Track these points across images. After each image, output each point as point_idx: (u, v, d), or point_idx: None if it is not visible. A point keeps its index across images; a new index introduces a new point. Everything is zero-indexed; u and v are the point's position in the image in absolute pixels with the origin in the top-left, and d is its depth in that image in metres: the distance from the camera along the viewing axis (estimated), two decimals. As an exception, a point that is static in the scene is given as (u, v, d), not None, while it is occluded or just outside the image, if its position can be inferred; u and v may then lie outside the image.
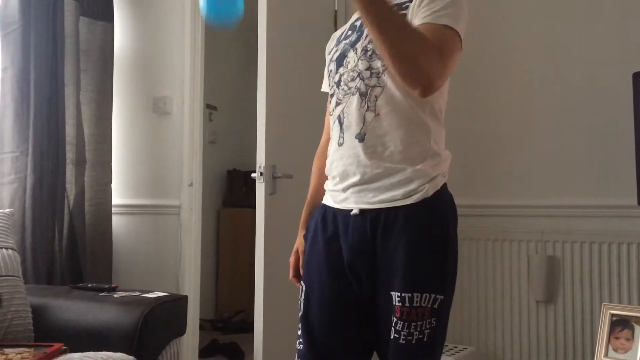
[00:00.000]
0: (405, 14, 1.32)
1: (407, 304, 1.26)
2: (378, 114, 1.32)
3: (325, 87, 1.60)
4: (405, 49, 1.19)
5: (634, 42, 2.44)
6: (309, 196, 1.58)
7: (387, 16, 1.19)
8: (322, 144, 1.61)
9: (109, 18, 3.04)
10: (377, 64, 1.33)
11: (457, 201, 1.39)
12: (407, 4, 1.34)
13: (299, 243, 1.54)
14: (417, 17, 1.29)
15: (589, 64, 2.51)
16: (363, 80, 1.34)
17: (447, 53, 1.24)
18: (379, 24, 1.17)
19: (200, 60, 3.14)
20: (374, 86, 1.32)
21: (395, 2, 1.37)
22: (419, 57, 1.19)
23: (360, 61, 1.35)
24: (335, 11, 2.80)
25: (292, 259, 1.56)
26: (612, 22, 2.48)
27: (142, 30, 3.19)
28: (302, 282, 1.45)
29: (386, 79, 1.31)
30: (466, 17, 1.32)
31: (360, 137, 1.34)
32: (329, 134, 1.57)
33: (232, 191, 4.50)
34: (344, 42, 1.44)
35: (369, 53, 1.34)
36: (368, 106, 1.33)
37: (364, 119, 1.33)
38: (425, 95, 1.26)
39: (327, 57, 1.53)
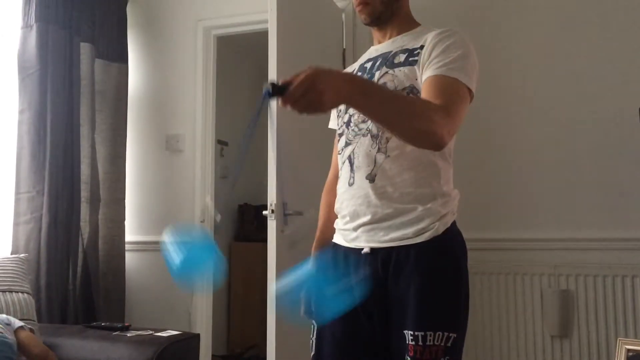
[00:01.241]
0: (416, 60, 1.35)
1: (420, 343, 1.26)
2: (389, 156, 1.34)
3: (332, 124, 1.62)
4: (410, 127, 1.20)
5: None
6: (318, 232, 1.59)
7: (384, 105, 1.17)
8: (330, 180, 1.63)
9: (124, 59, 3.12)
10: None
11: (468, 235, 1.40)
12: (419, 50, 1.36)
13: None
14: (429, 67, 1.31)
15: (597, 99, 2.52)
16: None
17: (454, 110, 1.26)
18: (377, 115, 1.19)
19: (212, 98, 3.21)
20: None
21: (405, 48, 1.40)
22: (424, 128, 1.20)
23: None
24: (344, 50, 2.86)
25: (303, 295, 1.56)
26: (620, 57, 2.50)
27: (156, 71, 3.27)
28: (313, 321, 1.45)
29: None
30: (477, 69, 1.34)
31: (371, 178, 1.35)
32: (336, 170, 1.59)
33: (243, 225, 4.52)
34: (352, 81, 1.47)
35: None
36: (379, 148, 1.35)
37: (374, 160, 1.35)
38: (437, 150, 1.29)
39: None
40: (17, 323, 1.86)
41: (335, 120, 1.58)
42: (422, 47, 1.36)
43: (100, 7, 3.00)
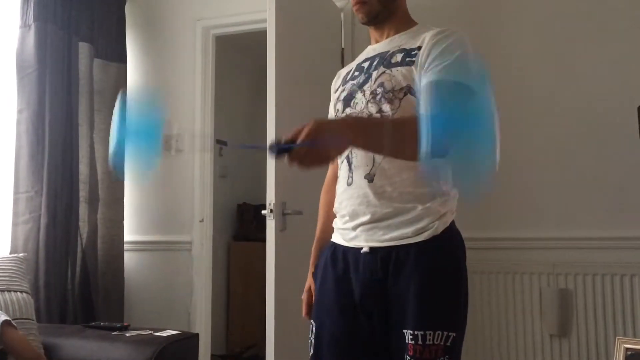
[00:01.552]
0: (413, 60, 1.35)
1: (420, 342, 1.26)
2: None
3: None
4: (411, 153, 1.15)
5: (638, 75, 2.46)
6: (318, 232, 1.59)
7: (387, 139, 1.17)
8: (328, 179, 1.63)
9: (122, 59, 3.12)
10: (387, 107, 1.35)
11: (467, 234, 1.40)
12: (416, 51, 1.36)
13: (311, 281, 1.54)
14: (428, 71, 1.31)
15: (595, 98, 2.52)
16: None
17: None
18: (383, 150, 1.21)
19: (211, 98, 3.21)
20: None
21: (402, 47, 1.40)
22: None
23: (369, 104, 1.37)
24: (343, 49, 2.86)
25: (304, 297, 1.56)
26: (618, 55, 2.51)
27: (154, 70, 3.27)
28: (312, 321, 1.45)
29: None
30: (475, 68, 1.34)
31: (370, 178, 1.35)
32: (334, 169, 1.59)
33: (242, 225, 4.52)
34: (350, 82, 1.47)
35: (378, 97, 1.37)
36: None
37: (373, 160, 1.35)
38: (442, 159, 1.28)
39: (333, 95, 1.56)
40: (2, 316, 1.84)
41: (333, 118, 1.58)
42: (419, 47, 1.36)
43: (98, 6, 3.00)
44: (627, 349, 1.93)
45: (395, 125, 1.24)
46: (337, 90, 1.54)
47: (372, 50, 1.49)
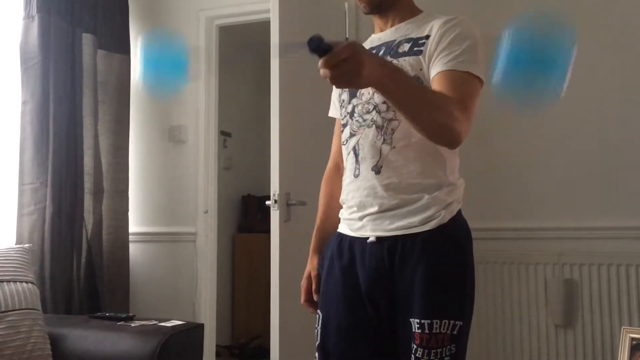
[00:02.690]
0: (421, 50, 1.34)
1: (426, 331, 1.26)
2: (394, 147, 1.33)
3: (333, 113, 1.61)
4: (431, 119, 1.20)
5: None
6: (318, 221, 1.58)
7: (410, 93, 1.17)
8: (329, 169, 1.62)
9: (126, 50, 3.12)
10: None
11: (473, 224, 1.40)
12: (424, 40, 1.35)
13: (311, 267, 1.54)
14: (438, 61, 1.30)
15: (602, 86, 2.51)
16: (379, 113, 1.35)
17: (471, 105, 1.26)
18: (402, 103, 1.17)
19: (215, 89, 3.20)
20: (391, 119, 1.34)
21: (409, 37, 1.39)
22: (445, 122, 1.20)
23: (376, 94, 1.36)
24: (347, 39, 2.84)
25: (303, 283, 1.56)
26: (620, 45, 2.49)
27: (158, 61, 3.26)
28: (318, 310, 1.45)
29: None
30: (484, 57, 1.33)
31: (377, 170, 1.35)
32: (335, 159, 1.59)
33: (247, 216, 4.53)
34: (355, 71, 1.46)
35: None
36: (384, 139, 1.34)
37: (380, 152, 1.34)
38: (453, 148, 1.29)
39: None
40: None
41: (335, 109, 1.57)
42: (427, 36, 1.35)
43: (102, -3, 2.99)
44: (632, 339, 1.93)
45: (421, 87, 1.24)
46: None
47: (377, 39, 1.48)
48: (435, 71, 1.30)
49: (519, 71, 1.19)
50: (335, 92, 1.58)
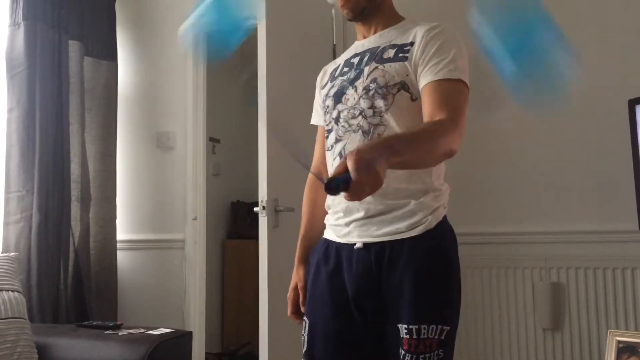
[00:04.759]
0: (406, 57, 1.35)
1: (414, 336, 1.26)
2: None
3: (315, 120, 1.62)
4: (437, 155, 1.25)
5: (629, 69, 2.47)
6: (302, 230, 1.58)
7: (416, 149, 1.18)
8: (312, 176, 1.62)
9: (113, 57, 3.11)
10: (380, 103, 1.35)
11: (459, 229, 1.41)
12: (409, 47, 1.37)
13: (297, 279, 1.53)
14: (427, 71, 1.32)
15: (586, 92, 2.53)
16: (366, 118, 1.36)
17: (462, 116, 1.28)
18: (414, 160, 1.21)
19: (203, 95, 3.19)
20: (377, 124, 1.34)
21: (393, 43, 1.40)
22: (446, 149, 1.23)
23: (362, 100, 1.37)
24: (334, 45, 2.85)
25: (290, 295, 1.55)
26: (608, 49, 2.51)
27: (145, 68, 3.25)
28: (305, 317, 1.45)
29: (389, 117, 1.34)
30: (468, 63, 1.35)
31: None
32: (317, 166, 1.59)
33: (236, 223, 4.51)
34: (340, 78, 1.46)
35: (371, 92, 1.36)
36: None
37: None
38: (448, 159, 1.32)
39: (321, 91, 1.55)
40: None
41: (319, 116, 1.58)
42: (412, 43, 1.36)
43: (88, 4, 2.98)
44: (618, 342, 1.95)
45: (417, 136, 1.23)
46: (324, 86, 1.53)
47: (360, 45, 1.49)
48: (425, 81, 1.31)
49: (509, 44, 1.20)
50: (318, 99, 1.59)
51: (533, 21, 1.22)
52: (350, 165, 1.00)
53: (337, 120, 1.42)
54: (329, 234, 1.45)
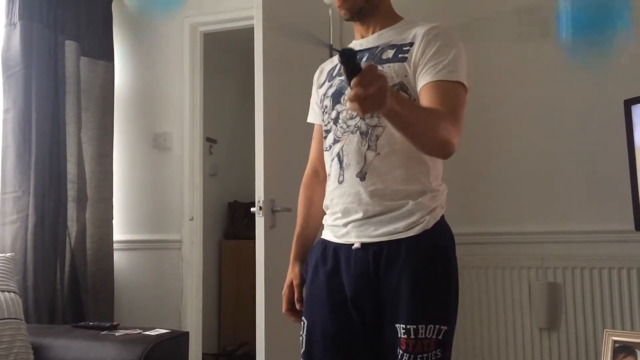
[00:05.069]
0: (405, 57, 1.35)
1: (412, 336, 1.27)
2: (379, 153, 1.34)
3: (312, 119, 1.61)
4: (432, 136, 1.23)
5: (624, 70, 2.47)
6: (298, 228, 1.58)
7: (413, 114, 1.18)
8: (307, 175, 1.62)
9: (109, 57, 3.10)
10: None
11: (457, 229, 1.41)
12: (408, 47, 1.37)
13: (293, 276, 1.53)
14: (426, 71, 1.32)
15: (582, 93, 2.54)
16: (364, 119, 1.35)
17: (461, 115, 1.29)
18: (408, 125, 1.18)
19: (200, 95, 3.19)
20: (375, 126, 1.34)
21: (392, 43, 1.40)
22: (443, 137, 1.23)
23: None
24: (331, 45, 2.85)
25: (285, 292, 1.55)
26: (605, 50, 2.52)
27: (142, 68, 3.25)
28: (303, 318, 1.45)
29: None
30: (467, 64, 1.36)
31: (362, 176, 1.35)
32: (314, 165, 1.59)
33: (233, 223, 4.51)
34: (338, 78, 1.46)
35: None
36: (369, 145, 1.34)
37: (365, 158, 1.35)
38: (446, 158, 1.31)
39: (319, 91, 1.54)
40: None
41: (316, 115, 1.57)
42: (411, 43, 1.36)
43: (84, 4, 2.98)
44: (615, 341, 1.95)
45: (420, 106, 1.26)
46: (322, 85, 1.53)
47: (358, 45, 1.49)
48: (424, 81, 1.31)
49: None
50: (315, 97, 1.58)
51: None
52: (366, 64, 0.98)
53: (335, 120, 1.42)
54: (327, 235, 1.45)
